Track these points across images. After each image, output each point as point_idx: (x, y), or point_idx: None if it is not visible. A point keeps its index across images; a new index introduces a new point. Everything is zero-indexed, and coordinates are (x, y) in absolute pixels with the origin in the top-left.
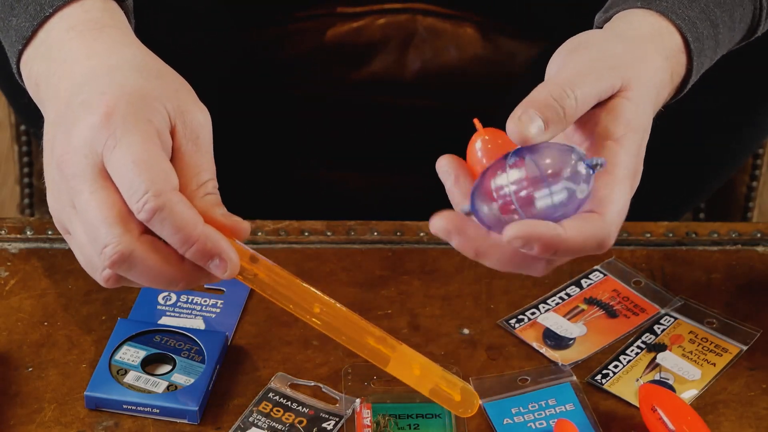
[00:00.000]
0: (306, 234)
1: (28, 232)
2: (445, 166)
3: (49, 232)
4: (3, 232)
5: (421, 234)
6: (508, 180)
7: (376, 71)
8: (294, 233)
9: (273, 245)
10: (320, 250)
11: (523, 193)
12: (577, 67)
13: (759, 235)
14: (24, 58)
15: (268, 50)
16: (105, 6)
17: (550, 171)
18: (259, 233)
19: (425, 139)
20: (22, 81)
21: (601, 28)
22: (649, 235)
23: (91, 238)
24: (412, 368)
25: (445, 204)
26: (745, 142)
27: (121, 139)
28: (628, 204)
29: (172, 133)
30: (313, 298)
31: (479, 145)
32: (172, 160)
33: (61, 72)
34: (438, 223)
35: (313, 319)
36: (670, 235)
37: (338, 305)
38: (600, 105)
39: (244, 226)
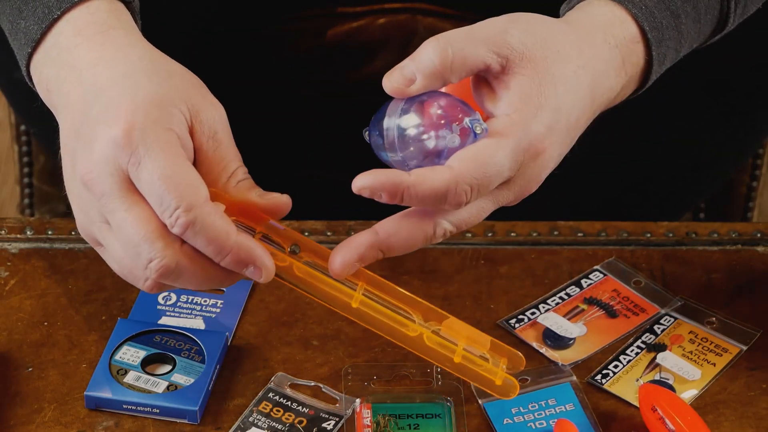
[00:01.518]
0: (306, 234)
1: (28, 232)
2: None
3: (49, 232)
4: (3, 232)
5: None
6: (396, 121)
7: (376, 71)
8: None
9: None
10: None
11: (406, 133)
12: (472, 27)
13: (759, 235)
14: (34, 62)
15: (268, 50)
16: (111, 7)
17: (435, 119)
18: None
19: None
20: (33, 84)
21: None
22: (649, 235)
23: (133, 254)
24: (453, 356)
25: None
26: (745, 142)
27: (145, 155)
28: (502, 167)
29: (191, 133)
30: (348, 295)
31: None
32: (195, 159)
33: (72, 78)
34: (336, 261)
35: (350, 315)
36: (670, 235)
37: (376, 301)
38: (500, 80)
39: (284, 200)
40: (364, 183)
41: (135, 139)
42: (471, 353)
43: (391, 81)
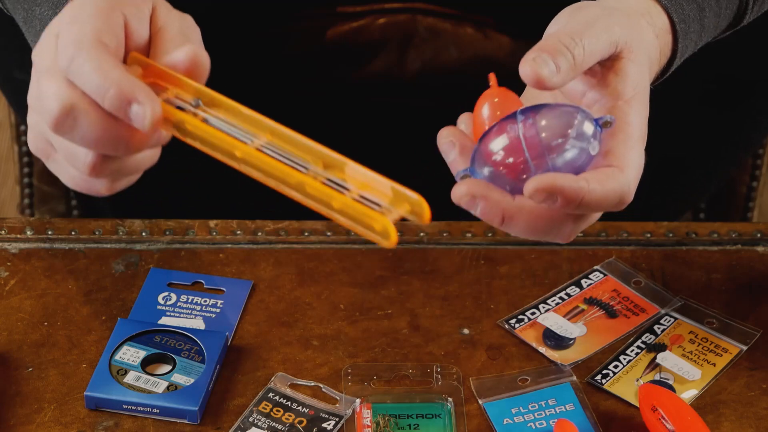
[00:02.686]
0: (306, 234)
1: (28, 232)
2: (448, 136)
3: (49, 232)
4: (3, 232)
5: (421, 234)
6: (522, 135)
7: (376, 71)
8: (294, 233)
9: (273, 245)
10: (320, 250)
11: (535, 151)
12: (582, 20)
13: (759, 235)
14: None
15: (267, 50)
16: None
17: (562, 129)
18: (259, 233)
19: (425, 139)
20: None
21: None
22: (649, 235)
23: (41, 106)
24: (332, 201)
25: (444, 204)
26: (745, 142)
27: (75, 9)
28: (643, 162)
29: (151, 22)
30: (234, 146)
31: (488, 104)
32: (150, 44)
33: None
34: (461, 190)
35: (237, 166)
36: (670, 235)
37: (271, 153)
38: (607, 66)
39: (197, 51)
40: (538, 185)
41: (76, 7)
42: (365, 200)
43: (534, 68)
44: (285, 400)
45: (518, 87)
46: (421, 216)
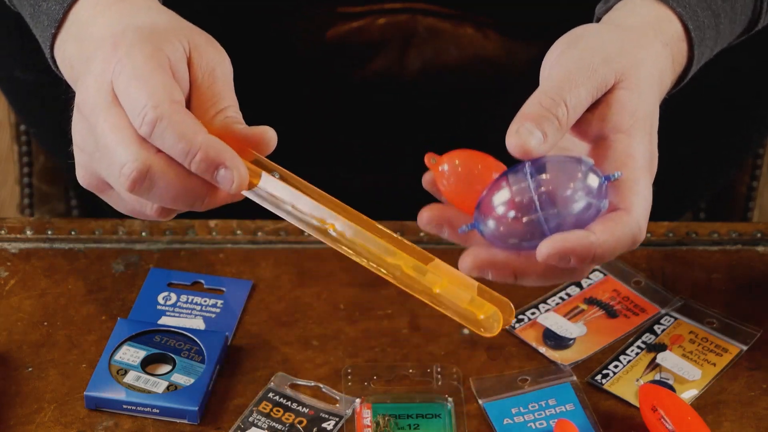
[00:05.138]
0: (306, 234)
1: (28, 232)
2: (431, 221)
3: (49, 232)
4: (3, 232)
5: (421, 234)
6: (532, 191)
7: (377, 71)
8: (294, 233)
9: (273, 245)
10: (320, 250)
11: (544, 207)
12: (565, 69)
13: (759, 235)
14: (57, 43)
15: (267, 50)
16: None
17: (570, 185)
18: (259, 233)
19: (425, 138)
20: (57, 68)
21: (600, 19)
22: (649, 235)
23: (110, 162)
24: (433, 287)
25: None
26: (746, 142)
27: (126, 62)
28: (651, 192)
29: (189, 65)
30: (325, 216)
31: (448, 168)
32: (191, 93)
33: (90, 47)
34: (466, 263)
35: (326, 240)
36: (670, 235)
37: (354, 223)
38: (601, 100)
39: (269, 133)
40: (550, 250)
41: (120, 51)
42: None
43: (519, 140)
44: (285, 400)
45: (518, 86)
46: (506, 319)
